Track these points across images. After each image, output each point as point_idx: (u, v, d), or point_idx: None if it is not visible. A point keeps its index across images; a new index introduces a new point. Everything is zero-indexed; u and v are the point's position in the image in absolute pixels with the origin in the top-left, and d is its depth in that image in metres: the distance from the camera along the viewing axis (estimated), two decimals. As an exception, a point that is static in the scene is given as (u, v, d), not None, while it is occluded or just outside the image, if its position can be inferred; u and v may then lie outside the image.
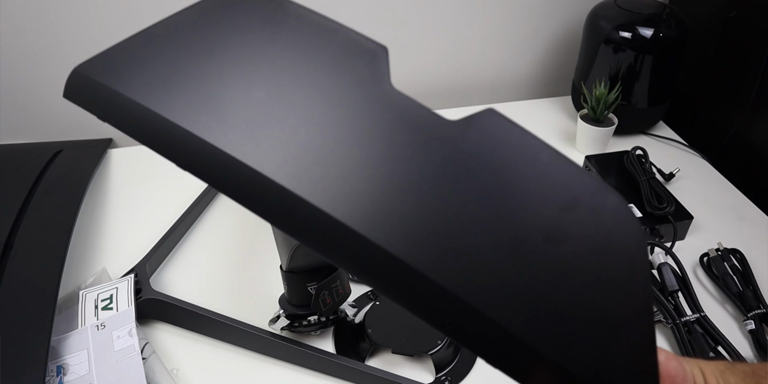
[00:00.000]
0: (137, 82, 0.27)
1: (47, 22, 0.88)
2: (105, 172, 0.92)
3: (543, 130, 1.03)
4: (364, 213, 0.25)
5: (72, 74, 0.29)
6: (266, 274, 0.73)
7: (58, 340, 0.62)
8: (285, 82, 0.27)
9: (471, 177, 0.27)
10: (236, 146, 0.26)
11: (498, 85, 1.15)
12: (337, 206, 0.25)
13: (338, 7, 0.97)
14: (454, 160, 0.27)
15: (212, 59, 0.28)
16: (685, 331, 0.64)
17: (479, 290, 0.25)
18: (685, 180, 0.89)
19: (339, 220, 0.24)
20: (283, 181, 0.25)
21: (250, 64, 0.28)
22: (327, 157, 0.25)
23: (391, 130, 0.27)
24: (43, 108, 0.98)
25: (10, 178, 0.82)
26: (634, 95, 0.95)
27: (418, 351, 0.61)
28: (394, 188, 0.26)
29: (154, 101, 0.27)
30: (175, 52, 0.29)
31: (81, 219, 0.80)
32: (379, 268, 0.25)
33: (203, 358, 0.64)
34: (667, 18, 0.90)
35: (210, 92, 0.27)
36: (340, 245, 0.25)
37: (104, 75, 0.28)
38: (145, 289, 0.68)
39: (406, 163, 0.26)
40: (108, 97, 0.27)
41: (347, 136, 0.26)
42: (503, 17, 1.05)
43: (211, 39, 0.29)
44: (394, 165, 0.26)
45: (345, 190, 0.25)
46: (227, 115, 0.26)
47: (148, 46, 0.29)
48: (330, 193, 0.25)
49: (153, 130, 0.26)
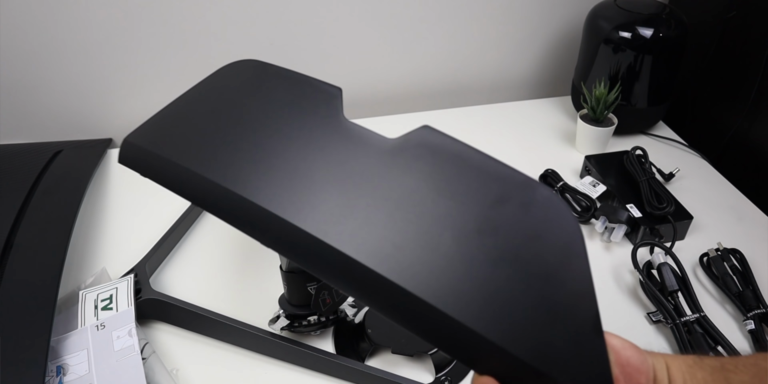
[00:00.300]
0: (199, 155, 0.34)
1: (47, 22, 0.88)
2: (105, 172, 0.92)
3: (543, 130, 1.03)
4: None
5: (126, 144, 0.36)
6: (266, 274, 0.73)
7: (58, 340, 0.62)
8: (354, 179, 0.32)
9: (411, 184, 0.30)
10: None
11: (498, 85, 1.15)
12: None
13: (337, 6, 0.97)
14: (393, 166, 0.31)
15: (260, 138, 0.34)
16: (685, 331, 0.64)
17: (423, 283, 0.28)
18: (685, 180, 0.89)
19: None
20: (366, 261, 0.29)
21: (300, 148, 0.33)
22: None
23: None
24: (42, 108, 0.98)
25: (10, 177, 0.82)
26: (634, 95, 0.95)
27: (417, 351, 0.61)
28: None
29: (219, 175, 0.33)
30: (212, 121, 0.36)
31: (81, 219, 0.80)
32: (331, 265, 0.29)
33: (203, 358, 0.64)
34: (667, 18, 0.90)
35: (274, 175, 0.32)
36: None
37: (171, 153, 0.35)
38: (144, 289, 0.68)
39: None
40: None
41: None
42: (503, 17, 1.05)
43: (247, 116, 0.35)
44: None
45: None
46: (313, 201, 0.31)
47: (183, 120, 0.37)
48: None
49: (240, 210, 0.32)
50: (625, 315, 0.68)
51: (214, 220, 0.83)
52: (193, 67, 0.99)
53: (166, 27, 0.93)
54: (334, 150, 0.32)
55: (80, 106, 0.99)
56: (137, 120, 0.39)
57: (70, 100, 0.98)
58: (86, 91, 0.97)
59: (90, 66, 0.95)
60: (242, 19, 0.95)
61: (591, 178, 0.86)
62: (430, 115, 1.08)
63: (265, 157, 0.33)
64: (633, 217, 0.77)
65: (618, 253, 0.77)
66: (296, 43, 1.00)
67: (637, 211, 0.78)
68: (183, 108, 0.39)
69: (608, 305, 0.68)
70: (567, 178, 0.87)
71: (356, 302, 0.68)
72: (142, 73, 0.97)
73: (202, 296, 0.69)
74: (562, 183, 0.85)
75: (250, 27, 0.96)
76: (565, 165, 0.93)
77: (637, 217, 0.77)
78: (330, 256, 0.29)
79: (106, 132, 1.02)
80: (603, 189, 0.83)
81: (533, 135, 1.01)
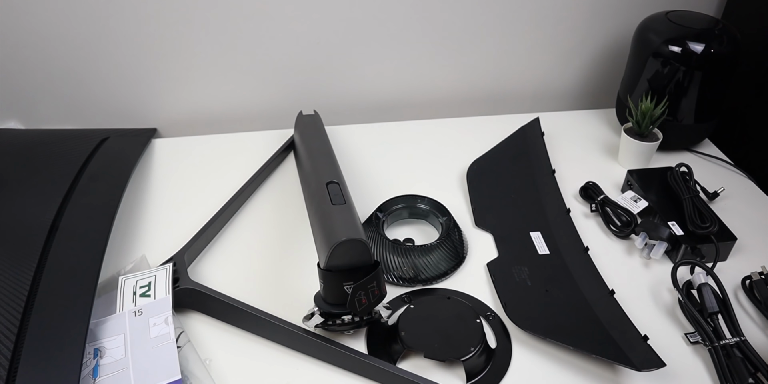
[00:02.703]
0: None
1: (101, 14, 0.90)
2: (148, 161, 0.94)
3: (585, 142, 1.01)
4: None
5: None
6: (303, 271, 0.74)
7: (96, 323, 0.63)
8: None
9: None
10: None
11: (541, 95, 1.15)
12: None
13: (387, 10, 0.97)
14: None
15: None
16: (724, 355, 0.63)
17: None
18: (730, 200, 0.87)
19: None
20: None
21: None
22: None
23: None
24: (92, 96, 1.00)
25: (59, 161, 0.84)
26: (681, 111, 0.93)
27: (450, 357, 0.61)
28: None
29: None
30: None
31: (123, 205, 0.82)
32: None
33: (236, 350, 0.65)
34: (720, 33, 0.89)
35: None
36: None
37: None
38: (182, 279, 0.68)
39: None
40: None
41: None
42: (551, 26, 1.04)
43: None
44: None
45: None
46: None
47: None
48: None
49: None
50: (662, 334, 0.67)
51: (254, 214, 0.84)
52: (239, 62, 1.00)
53: (216, 21, 0.94)
54: None
55: (128, 96, 1.01)
56: (181, 111, 0.39)
57: (119, 89, 1.00)
58: (134, 82, 0.99)
59: (139, 57, 0.96)
60: (291, 17, 0.96)
61: (632, 193, 0.85)
62: (472, 121, 1.08)
63: None
64: (674, 235, 0.76)
65: (657, 270, 0.76)
66: (343, 44, 1.01)
67: (678, 229, 0.77)
68: None
69: (645, 323, 0.67)
70: (608, 191, 0.86)
71: (391, 304, 0.69)
72: (188, 66, 0.99)
73: (238, 289, 0.70)
74: (603, 196, 0.84)
75: (298, 25, 0.97)
76: (607, 178, 0.91)
77: (678, 235, 0.76)
78: None
79: (151, 122, 1.04)
80: (644, 205, 0.82)
81: (575, 146, 1.00)
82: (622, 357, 0.60)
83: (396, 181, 0.91)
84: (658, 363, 0.59)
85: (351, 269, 0.60)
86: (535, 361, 0.64)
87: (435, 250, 0.73)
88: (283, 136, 1.00)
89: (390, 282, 0.73)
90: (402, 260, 0.73)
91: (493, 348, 0.65)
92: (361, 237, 0.59)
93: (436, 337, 0.62)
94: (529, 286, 0.72)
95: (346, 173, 0.80)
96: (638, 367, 0.59)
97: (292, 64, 1.02)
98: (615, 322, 0.66)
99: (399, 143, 1.01)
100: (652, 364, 0.59)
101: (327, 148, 0.83)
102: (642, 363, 0.59)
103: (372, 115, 1.11)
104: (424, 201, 0.82)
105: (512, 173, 0.91)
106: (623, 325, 0.66)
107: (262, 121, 1.08)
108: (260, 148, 0.97)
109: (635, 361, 0.59)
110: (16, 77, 0.96)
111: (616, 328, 0.65)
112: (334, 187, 0.69)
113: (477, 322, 0.64)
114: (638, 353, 0.61)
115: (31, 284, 0.62)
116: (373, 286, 0.60)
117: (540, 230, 0.80)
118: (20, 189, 0.78)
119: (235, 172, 0.90)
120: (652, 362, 0.60)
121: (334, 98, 1.08)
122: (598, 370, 0.63)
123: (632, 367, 0.59)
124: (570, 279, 0.72)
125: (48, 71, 0.96)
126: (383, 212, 0.80)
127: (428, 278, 0.73)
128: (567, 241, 0.78)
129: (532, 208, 0.84)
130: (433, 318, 0.65)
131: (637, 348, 0.62)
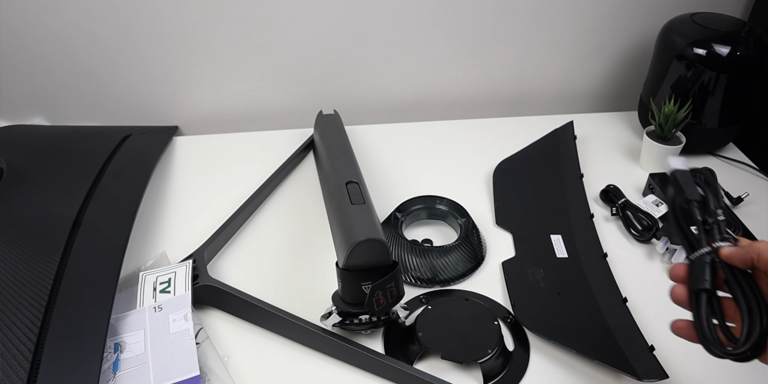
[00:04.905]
0: None
1: (125, 12, 0.91)
2: (170, 158, 0.95)
3: (606, 145, 1.01)
4: None
5: None
6: (321, 270, 0.74)
7: (117, 318, 0.64)
8: None
9: None
10: None
11: (563, 97, 1.14)
12: None
13: (408, 13, 0.97)
14: None
15: None
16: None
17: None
18: (754, 205, 0.86)
19: None
20: None
21: None
22: None
23: None
24: (115, 94, 1.01)
25: (82, 157, 0.85)
26: (705, 114, 0.92)
27: (467, 359, 0.61)
28: None
29: None
30: None
31: (144, 202, 0.82)
32: None
33: (254, 347, 0.65)
34: (746, 36, 0.87)
35: None
36: None
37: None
38: (202, 276, 0.69)
39: None
40: None
41: None
42: (573, 27, 1.04)
43: None
44: None
45: None
46: None
47: None
48: None
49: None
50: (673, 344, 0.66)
51: (273, 213, 0.85)
52: (260, 61, 1.01)
53: (238, 22, 0.95)
54: None
55: (150, 94, 1.02)
56: (203, 110, 0.39)
57: (142, 87, 1.01)
58: (157, 80, 1.00)
59: (162, 56, 0.98)
60: (313, 16, 0.96)
61: (654, 197, 0.84)
62: (492, 123, 1.07)
63: None
64: (697, 240, 0.75)
65: (678, 275, 0.75)
66: (364, 45, 1.01)
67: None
68: None
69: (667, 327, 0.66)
70: (629, 195, 0.85)
71: (409, 305, 0.68)
72: (210, 65, 1.00)
73: (257, 286, 0.70)
74: (624, 200, 0.83)
75: (320, 24, 0.97)
76: (628, 182, 0.90)
77: (701, 240, 0.75)
78: None
79: (173, 120, 1.05)
80: (666, 209, 0.81)
81: (596, 149, 0.99)
82: (626, 365, 0.59)
83: (415, 182, 0.91)
84: (661, 374, 0.58)
85: (369, 269, 0.60)
86: (552, 366, 0.63)
87: (453, 251, 0.73)
88: (303, 135, 1.01)
89: (408, 282, 0.73)
90: (420, 261, 0.73)
91: (510, 351, 0.64)
92: (380, 237, 0.59)
93: (453, 339, 0.62)
94: (541, 288, 0.71)
95: (366, 173, 0.80)
96: (640, 377, 0.58)
97: (313, 64, 1.03)
98: (623, 330, 0.65)
99: (418, 144, 1.01)
100: (655, 374, 0.58)
101: (346, 147, 0.83)
102: (645, 373, 0.58)
103: (391, 115, 1.11)
104: (443, 202, 0.82)
105: (540, 175, 0.91)
106: (631, 333, 0.64)
107: (283, 120, 1.09)
108: (280, 147, 0.97)
109: (638, 371, 0.58)
110: (42, 75, 0.98)
111: (623, 336, 0.64)
112: (353, 186, 0.69)
113: (495, 325, 0.64)
114: (642, 363, 0.60)
115: (54, 278, 0.63)
116: (392, 287, 0.60)
117: (561, 233, 0.79)
118: (44, 185, 0.80)
119: (255, 171, 0.91)
120: (655, 373, 0.58)
121: (354, 98, 1.08)
122: (614, 382, 0.62)
123: (634, 376, 0.58)
124: (585, 284, 0.72)
125: (72, 69, 0.98)
126: (402, 212, 0.80)
127: (446, 279, 0.73)
128: (587, 247, 0.78)
129: (556, 211, 0.84)
130: (451, 319, 0.65)
131: (642, 357, 0.61)
